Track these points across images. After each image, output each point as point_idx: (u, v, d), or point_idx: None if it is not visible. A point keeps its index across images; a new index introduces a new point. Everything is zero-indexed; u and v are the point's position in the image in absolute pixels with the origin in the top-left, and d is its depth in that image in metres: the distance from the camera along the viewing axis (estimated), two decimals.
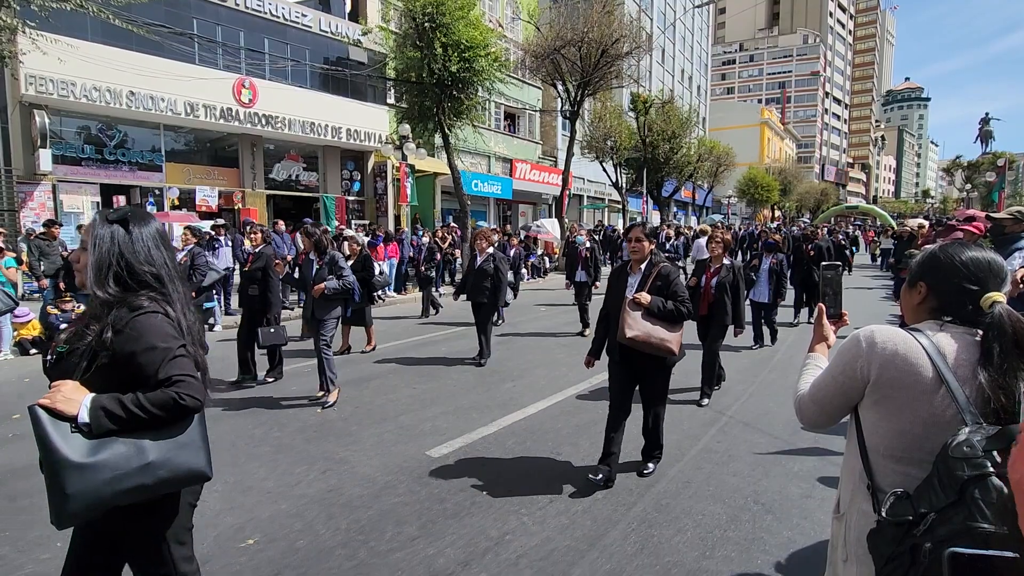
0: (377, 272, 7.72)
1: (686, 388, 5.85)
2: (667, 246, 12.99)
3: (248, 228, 9.23)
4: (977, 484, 1.05)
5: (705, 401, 5.40)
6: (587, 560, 2.89)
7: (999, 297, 1.28)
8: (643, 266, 3.71)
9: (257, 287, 6.10)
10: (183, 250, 7.12)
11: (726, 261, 5.57)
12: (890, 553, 1.20)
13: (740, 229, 27.61)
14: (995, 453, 1.06)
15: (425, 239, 14.15)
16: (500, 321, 9.89)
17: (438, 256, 12.85)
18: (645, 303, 3.52)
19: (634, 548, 3.00)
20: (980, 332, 1.29)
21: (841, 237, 15.96)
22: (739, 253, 20.71)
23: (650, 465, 3.90)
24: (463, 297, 7.54)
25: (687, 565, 2.85)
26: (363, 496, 3.58)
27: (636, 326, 3.47)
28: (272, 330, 5.89)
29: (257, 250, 6.29)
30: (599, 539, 3.08)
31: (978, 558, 0.62)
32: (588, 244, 9.25)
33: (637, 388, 3.82)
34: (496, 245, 13.28)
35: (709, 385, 5.47)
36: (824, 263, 1.83)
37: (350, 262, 7.52)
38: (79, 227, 11.45)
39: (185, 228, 7.57)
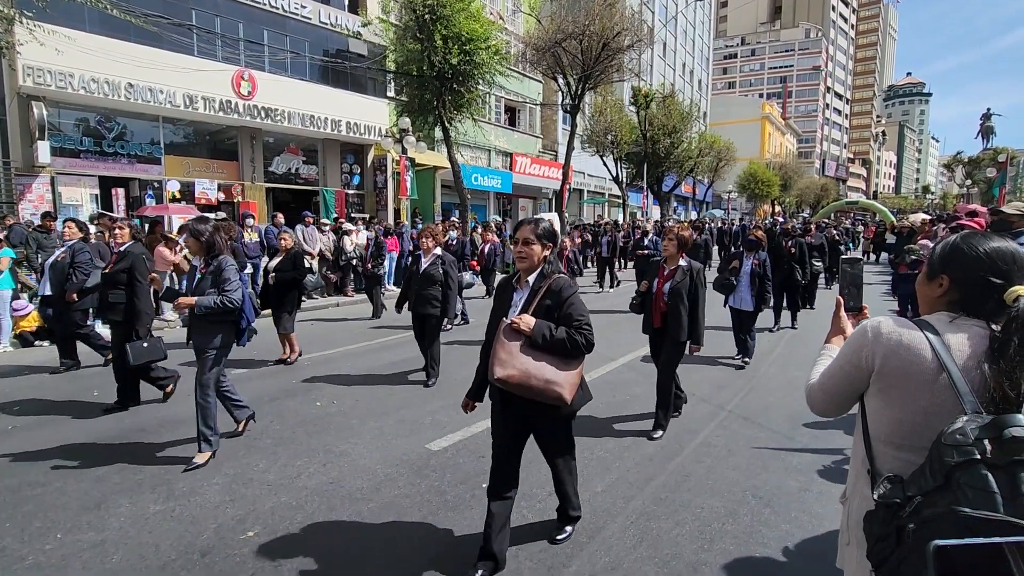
0: (310, 273, 6.83)
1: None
2: (644, 241, 12.49)
3: (99, 219, 8.50)
4: (964, 470, 1.07)
5: (658, 433, 4.41)
6: (586, 552, 2.91)
7: (1021, 290, 1.26)
8: (531, 279, 2.65)
9: (123, 293, 5.01)
10: (63, 246, 6.32)
11: (682, 262, 4.52)
12: (880, 534, 1.23)
13: (728, 224, 25.92)
14: (986, 441, 1.07)
15: (404, 232, 13.84)
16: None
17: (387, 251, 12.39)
18: (526, 330, 2.48)
19: (633, 541, 3.02)
20: (991, 325, 1.28)
21: (836, 233, 14.81)
22: (725, 252, 19.87)
23: (566, 529, 3.03)
24: (406, 308, 6.16)
25: (686, 558, 2.87)
26: (364, 489, 3.60)
27: (511, 362, 2.46)
28: (145, 344, 4.81)
29: (122, 248, 5.21)
30: (598, 532, 3.10)
31: (963, 548, 0.63)
32: (570, 245, 8.49)
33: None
34: (453, 241, 12.26)
35: (665, 413, 4.51)
36: (844, 257, 1.82)
37: (275, 260, 6.76)
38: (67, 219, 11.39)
39: (67, 221, 6.54)
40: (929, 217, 8.90)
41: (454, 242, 12.34)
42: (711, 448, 4.26)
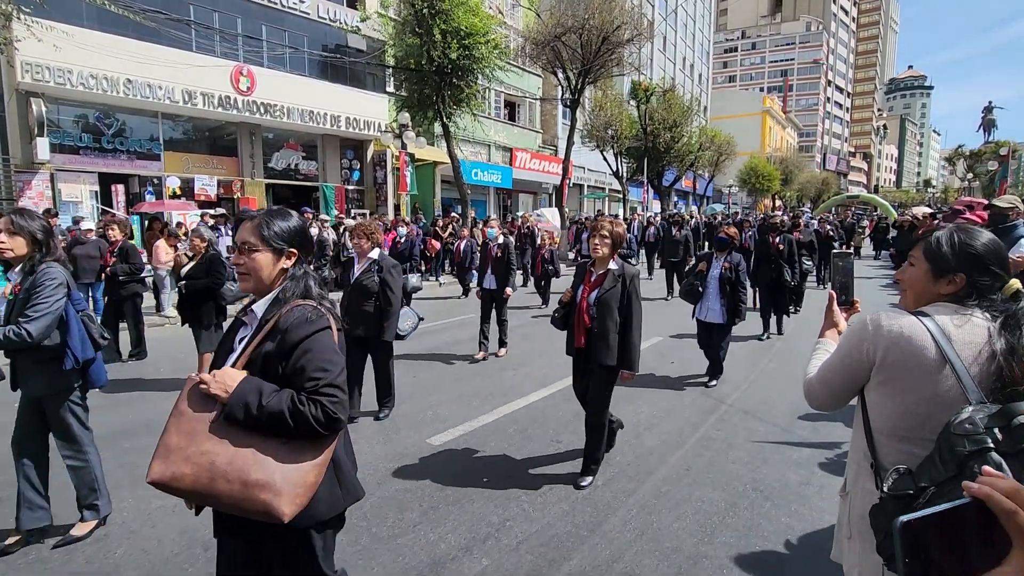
0: (231, 281, 5.17)
1: (692, 375, 5.88)
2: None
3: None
4: (977, 459, 1.07)
5: (587, 480, 3.55)
6: (587, 546, 2.92)
7: (1018, 284, 1.33)
8: (258, 307, 1.68)
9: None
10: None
11: (613, 266, 3.51)
12: (889, 527, 1.22)
13: (695, 217, 20.52)
14: (996, 430, 1.08)
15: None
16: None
17: (332, 252, 11.32)
18: (221, 394, 1.49)
19: (634, 534, 3.03)
20: (989, 315, 1.31)
21: (830, 228, 13.37)
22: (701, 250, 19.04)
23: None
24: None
25: (686, 551, 2.88)
26: (365, 483, 3.57)
27: (186, 451, 1.46)
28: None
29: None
30: (599, 525, 3.11)
31: (927, 519, 0.67)
32: (501, 240, 7.02)
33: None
34: (402, 240, 10.97)
35: (597, 459, 3.65)
36: (835, 251, 1.84)
37: (188, 267, 5.24)
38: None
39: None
40: (930, 210, 8.87)
41: (402, 240, 11.15)
42: (711, 442, 4.27)
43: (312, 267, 1.78)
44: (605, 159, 25.81)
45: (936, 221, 8.71)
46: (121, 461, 3.93)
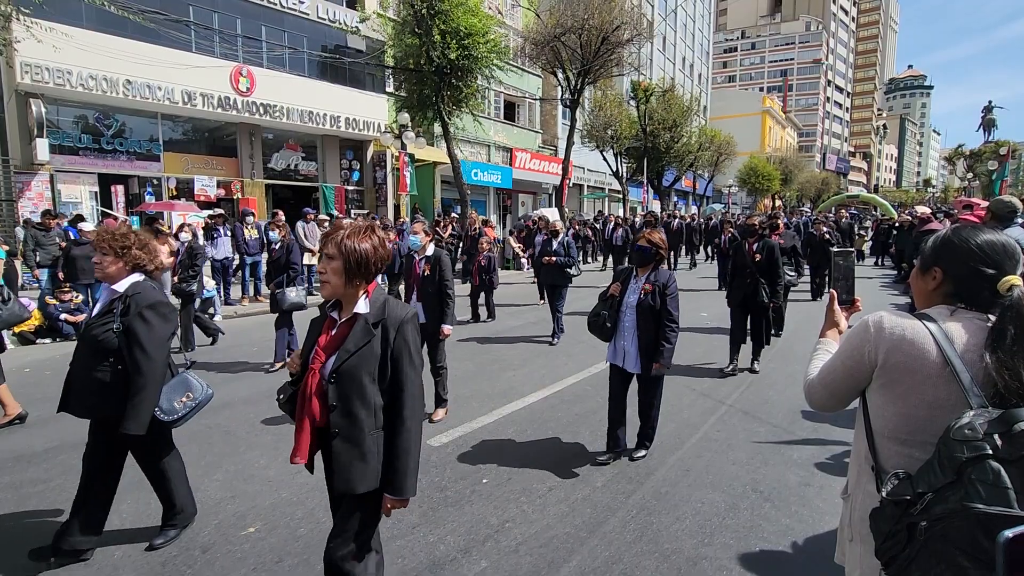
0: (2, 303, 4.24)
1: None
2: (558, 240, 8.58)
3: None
4: (974, 465, 1.06)
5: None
6: (587, 547, 2.91)
7: (1018, 281, 1.28)
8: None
9: None
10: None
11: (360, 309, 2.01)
12: (888, 531, 1.23)
13: (679, 217, 18.61)
14: (996, 436, 1.06)
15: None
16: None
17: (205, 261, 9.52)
18: None
19: (633, 535, 3.02)
20: (991, 316, 1.29)
21: (826, 231, 11.15)
22: (684, 253, 17.64)
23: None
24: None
25: (686, 552, 2.87)
26: None
27: None
28: None
29: None
30: (599, 527, 3.10)
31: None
32: (431, 251, 4.80)
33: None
34: (277, 246, 6.22)
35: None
36: (836, 250, 1.83)
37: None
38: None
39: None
40: (929, 210, 8.84)
41: (277, 246, 6.40)
42: (711, 442, 4.26)
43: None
44: (605, 159, 25.83)
45: (939, 220, 8.69)
46: None
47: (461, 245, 13.60)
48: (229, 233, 10.41)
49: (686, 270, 16.33)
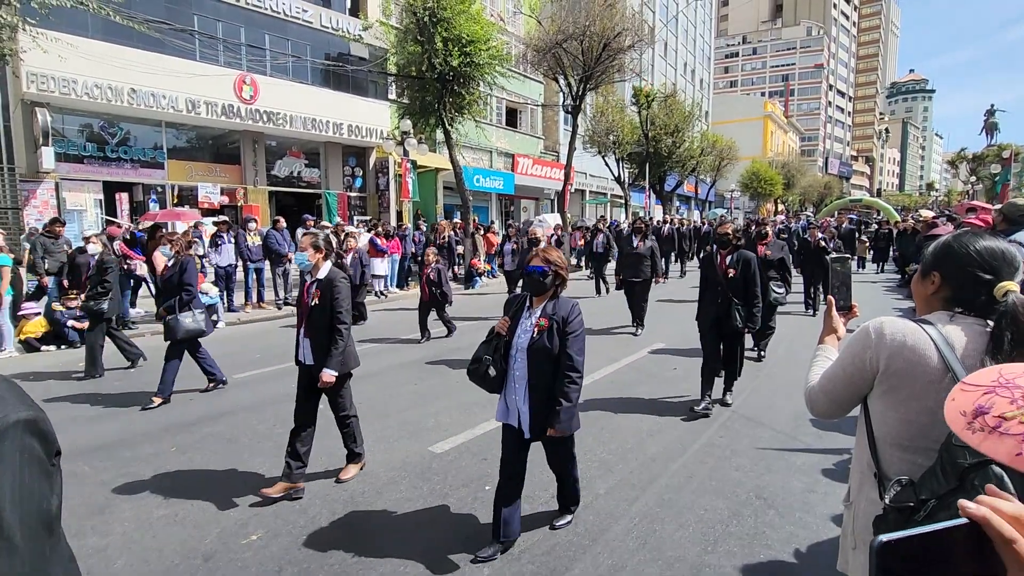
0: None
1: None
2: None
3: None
4: (978, 471, 1.05)
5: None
6: (589, 555, 2.90)
7: (1013, 286, 1.28)
8: None
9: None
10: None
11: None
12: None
13: (671, 223, 17.57)
14: None
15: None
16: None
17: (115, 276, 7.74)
18: None
19: (636, 543, 3.00)
20: (991, 322, 1.29)
21: (821, 237, 9.84)
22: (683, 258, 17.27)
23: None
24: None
25: (689, 560, 2.85)
26: (366, 492, 3.59)
27: None
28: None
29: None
30: (601, 534, 3.09)
31: (910, 540, 0.61)
32: (323, 273, 3.72)
33: None
34: (170, 263, 5.34)
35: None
36: (833, 256, 1.83)
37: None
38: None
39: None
40: (932, 214, 8.79)
41: (170, 263, 5.65)
42: (714, 449, 4.24)
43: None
44: (607, 164, 25.87)
45: (943, 223, 8.65)
46: (122, 471, 3.93)
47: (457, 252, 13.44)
48: (233, 240, 10.45)
49: (677, 278, 15.58)
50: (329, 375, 3.56)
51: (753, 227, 7.43)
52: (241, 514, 3.32)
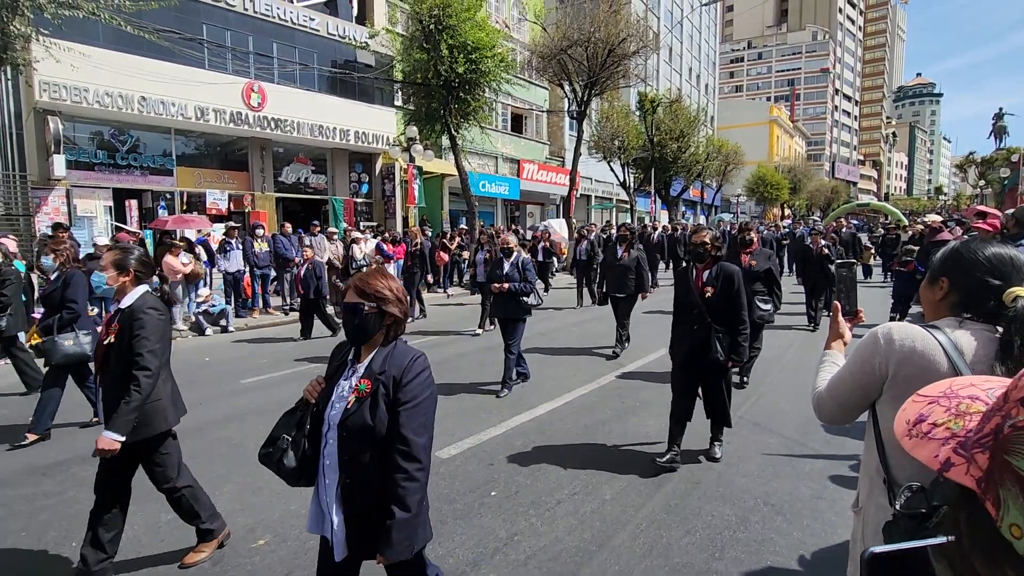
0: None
1: None
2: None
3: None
4: None
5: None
6: (596, 561, 2.89)
7: (1022, 292, 1.28)
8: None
9: None
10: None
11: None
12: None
13: (662, 228, 16.68)
14: None
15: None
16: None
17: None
18: None
19: (643, 549, 2.99)
20: (1000, 328, 1.29)
21: (825, 244, 9.00)
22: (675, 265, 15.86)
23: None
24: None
25: (696, 566, 2.84)
26: None
27: None
28: None
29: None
30: (608, 540, 3.08)
31: (896, 553, 0.62)
32: (129, 302, 2.74)
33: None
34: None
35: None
36: (838, 261, 1.84)
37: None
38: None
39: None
40: (940, 218, 8.73)
41: (53, 276, 5.23)
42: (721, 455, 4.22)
43: None
44: (612, 170, 25.89)
45: (950, 228, 8.58)
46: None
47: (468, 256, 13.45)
48: (241, 246, 10.54)
49: (670, 286, 13.93)
50: (108, 441, 2.52)
51: (736, 232, 6.47)
52: (248, 519, 3.34)
